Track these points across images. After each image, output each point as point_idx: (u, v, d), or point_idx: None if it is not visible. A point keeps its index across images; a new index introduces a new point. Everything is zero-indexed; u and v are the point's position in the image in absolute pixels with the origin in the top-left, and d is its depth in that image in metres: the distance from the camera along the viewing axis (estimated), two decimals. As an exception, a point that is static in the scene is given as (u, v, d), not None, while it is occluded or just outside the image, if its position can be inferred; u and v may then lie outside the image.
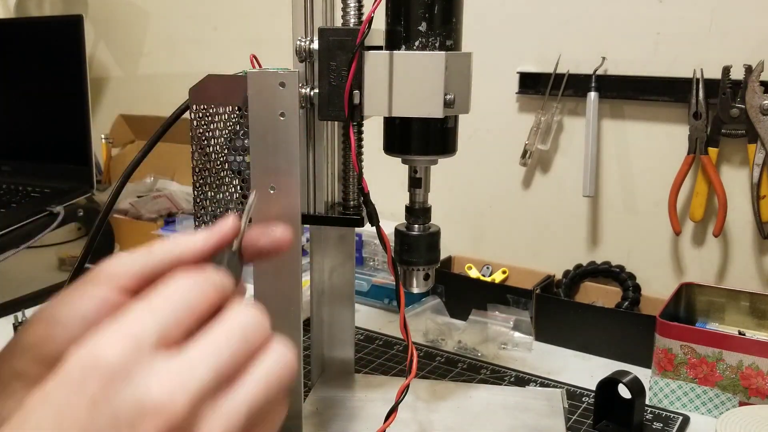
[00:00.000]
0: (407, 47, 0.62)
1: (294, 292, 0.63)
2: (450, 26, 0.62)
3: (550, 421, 0.73)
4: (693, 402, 0.83)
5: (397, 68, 0.61)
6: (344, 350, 0.83)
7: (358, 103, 0.61)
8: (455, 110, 0.63)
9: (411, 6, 0.61)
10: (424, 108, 0.61)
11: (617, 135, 1.06)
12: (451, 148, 0.67)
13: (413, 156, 0.66)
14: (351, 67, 0.60)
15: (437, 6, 0.61)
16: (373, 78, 0.61)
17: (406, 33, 0.62)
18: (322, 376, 0.83)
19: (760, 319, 0.93)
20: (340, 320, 0.82)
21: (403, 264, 0.69)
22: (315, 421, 0.72)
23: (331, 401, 0.77)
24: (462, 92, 0.63)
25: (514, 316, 1.01)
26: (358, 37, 0.59)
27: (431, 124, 0.64)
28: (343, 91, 0.60)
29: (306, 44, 0.63)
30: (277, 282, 0.63)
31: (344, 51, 0.60)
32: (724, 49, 0.95)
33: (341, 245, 0.79)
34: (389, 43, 0.63)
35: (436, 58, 0.61)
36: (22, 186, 1.30)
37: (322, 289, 0.81)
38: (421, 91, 0.61)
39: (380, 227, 0.64)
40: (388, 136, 0.67)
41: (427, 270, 0.70)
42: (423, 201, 0.69)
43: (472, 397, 0.78)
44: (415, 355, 0.65)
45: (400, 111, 0.62)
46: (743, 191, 0.97)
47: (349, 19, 0.63)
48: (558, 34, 1.08)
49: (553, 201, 1.13)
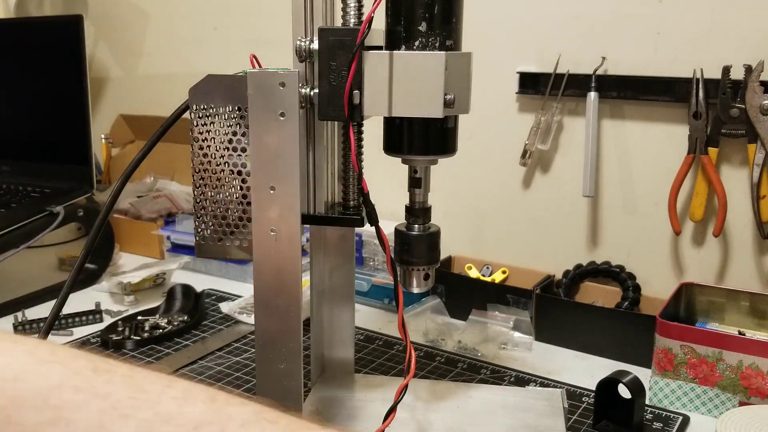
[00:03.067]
0: (407, 47, 0.62)
1: (294, 292, 0.63)
2: (450, 26, 0.62)
3: (550, 421, 0.73)
4: (693, 402, 0.83)
5: (397, 68, 0.61)
6: (344, 350, 0.83)
7: (358, 103, 0.61)
8: (455, 110, 0.63)
9: (411, 6, 0.61)
10: (424, 108, 0.61)
11: (617, 135, 1.06)
12: (451, 148, 0.67)
13: (413, 156, 0.66)
14: (351, 67, 0.60)
15: (437, 6, 0.61)
16: (373, 78, 0.61)
17: (406, 33, 0.62)
18: (322, 376, 0.83)
19: (760, 319, 0.93)
20: (340, 320, 0.82)
21: (403, 264, 0.69)
22: (315, 421, 0.72)
23: (331, 401, 0.77)
24: (462, 92, 0.63)
25: (514, 316, 1.01)
26: (358, 37, 0.59)
27: (431, 124, 0.64)
28: (343, 91, 0.60)
29: (306, 44, 0.63)
30: (277, 282, 0.63)
31: (344, 51, 0.60)
32: (724, 49, 0.95)
33: (341, 245, 0.79)
34: (389, 43, 0.63)
35: (435, 58, 0.61)
36: (22, 186, 1.30)
37: (322, 289, 0.81)
38: (421, 91, 0.61)
39: (379, 227, 0.64)
40: (388, 136, 0.67)
41: (427, 270, 0.69)
42: (423, 201, 0.69)
43: (472, 397, 0.78)
44: (413, 356, 0.65)
45: (400, 111, 0.62)
46: (743, 191, 0.97)
47: (349, 19, 0.63)
48: (558, 34, 1.08)
49: (553, 201, 1.13)
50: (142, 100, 1.62)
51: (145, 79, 1.64)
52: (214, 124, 0.62)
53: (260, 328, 0.64)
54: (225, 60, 1.48)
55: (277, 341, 0.64)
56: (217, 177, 0.63)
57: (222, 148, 0.62)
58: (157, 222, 1.36)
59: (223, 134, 0.62)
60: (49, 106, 1.37)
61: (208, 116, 0.62)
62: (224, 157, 0.62)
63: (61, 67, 1.32)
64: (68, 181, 1.28)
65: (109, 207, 0.67)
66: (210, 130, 0.62)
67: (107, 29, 1.67)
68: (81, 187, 1.26)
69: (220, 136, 0.62)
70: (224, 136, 0.62)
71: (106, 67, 1.70)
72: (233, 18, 1.46)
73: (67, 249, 1.31)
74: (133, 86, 1.67)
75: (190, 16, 1.53)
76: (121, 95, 1.69)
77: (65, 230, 1.31)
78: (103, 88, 1.71)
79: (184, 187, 1.42)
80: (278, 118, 0.59)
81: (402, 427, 0.71)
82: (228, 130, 0.62)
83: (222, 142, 0.62)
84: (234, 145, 0.62)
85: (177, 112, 0.65)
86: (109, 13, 1.66)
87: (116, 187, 0.67)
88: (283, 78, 0.59)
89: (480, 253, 1.19)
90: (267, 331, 0.64)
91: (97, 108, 1.69)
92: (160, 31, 1.60)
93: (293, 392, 0.65)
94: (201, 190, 0.63)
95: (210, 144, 0.62)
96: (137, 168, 0.68)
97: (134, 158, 0.68)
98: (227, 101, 0.61)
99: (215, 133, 0.62)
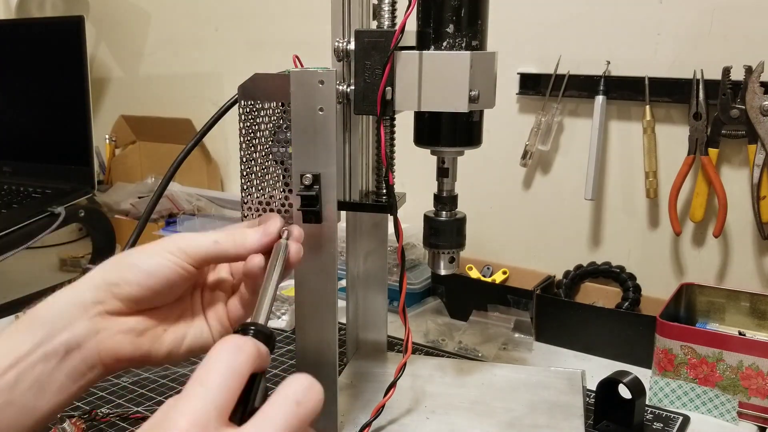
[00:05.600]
0: (436, 47, 0.66)
1: (330, 271, 0.67)
2: (475, 28, 0.66)
3: (569, 398, 0.77)
4: (693, 402, 0.83)
5: (426, 67, 0.65)
6: (377, 332, 0.88)
7: (390, 99, 0.66)
8: (480, 105, 0.66)
9: (440, 10, 0.65)
10: (451, 103, 0.66)
11: (619, 136, 1.06)
12: (476, 141, 0.71)
13: (441, 147, 0.71)
14: (385, 67, 0.64)
15: (464, 9, 0.65)
16: (404, 76, 0.66)
17: (435, 34, 0.66)
18: (356, 354, 0.87)
19: (760, 319, 0.93)
20: (375, 303, 0.87)
21: (431, 247, 0.74)
22: (349, 392, 0.78)
23: (364, 375, 0.82)
24: (487, 88, 0.67)
25: (515, 316, 1.01)
26: (392, 42, 0.64)
27: (458, 118, 0.68)
28: (377, 88, 0.65)
29: (343, 45, 0.68)
30: (315, 262, 0.67)
31: (378, 51, 0.65)
32: (724, 50, 0.95)
33: (375, 232, 0.84)
34: (420, 43, 0.67)
35: (461, 57, 0.65)
36: (23, 186, 1.30)
37: (357, 273, 0.85)
38: (447, 88, 0.65)
39: (397, 217, 0.69)
40: (417, 129, 0.71)
41: (452, 253, 0.75)
42: (450, 189, 0.74)
43: (497, 375, 0.82)
44: (410, 337, 0.70)
45: (429, 106, 0.66)
46: (743, 192, 0.97)
47: (383, 21, 0.68)
48: (558, 35, 1.08)
49: (553, 201, 1.13)
50: (144, 100, 1.63)
51: (146, 80, 1.64)
52: (260, 118, 0.66)
53: (299, 302, 0.69)
54: (226, 60, 1.48)
55: (314, 315, 0.69)
56: (262, 166, 0.67)
57: (267, 140, 0.67)
58: (158, 222, 1.36)
59: (268, 127, 0.66)
60: (50, 106, 1.38)
61: (254, 111, 0.66)
62: (268, 148, 0.67)
63: (63, 68, 1.32)
64: (69, 181, 1.28)
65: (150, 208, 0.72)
66: (256, 124, 0.67)
67: (108, 30, 1.68)
68: (82, 188, 1.27)
69: (265, 129, 0.67)
70: (269, 129, 0.67)
71: (108, 67, 1.70)
72: (234, 19, 1.46)
73: (68, 249, 1.31)
74: (135, 87, 1.67)
75: (191, 16, 1.53)
76: (123, 96, 1.70)
77: (66, 231, 1.32)
78: (105, 88, 1.71)
79: (185, 187, 1.42)
80: (317, 113, 0.64)
81: (429, 400, 0.76)
82: (272, 124, 0.66)
83: (267, 135, 0.67)
84: (277, 137, 0.66)
85: (226, 105, 0.69)
86: (110, 13, 1.66)
87: (163, 183, 0.72)
88: (322, 76, 0.63)
89: (480, 253, 1.19)
90: (305, 305, 0.69)
91: (98, 109, 1.69)
92: (162, 31, 1.60)
93: (328, 362, 0.69)
94: (247, 177, 0.67)
95: (256, 136, 0.67)
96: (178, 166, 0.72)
97: (182, 151, 0.72)
98: (272, 97, 0.66)
99: (261, 126, 0.67)
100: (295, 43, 1.22)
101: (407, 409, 0.74)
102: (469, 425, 0.72)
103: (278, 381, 0.38)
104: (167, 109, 1.54)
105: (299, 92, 0.64)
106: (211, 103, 1.45)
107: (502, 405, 0.75)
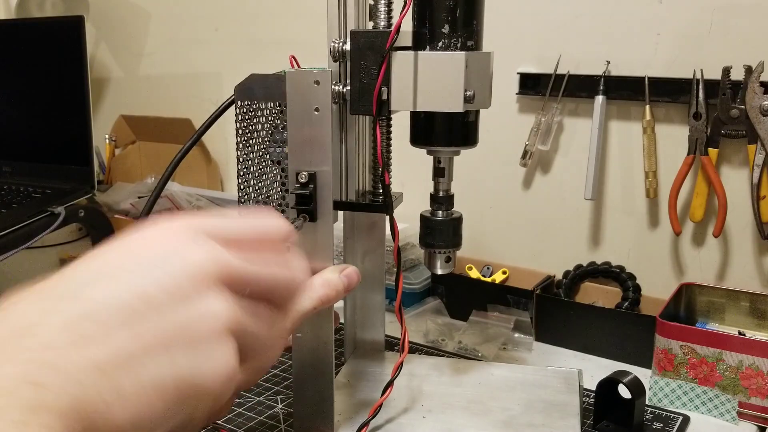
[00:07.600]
0: (431, 48, 0.66)
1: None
2: (471, 28, 0.66)
3: (566, 398, 0.77)
4: (693, 402, 0.83)
5: (421, 67, 0.65)
6: (375, 331, 0.88)
7: (385, 99, 0.66)
8: (475, 105, 0.67)
9: (435, 11, 0.66)
10: (446, 103, 0.66)
11: (619, 136, 1.06)
12: (472, 140, 0.71)
13: (437, 147, 0.71)
14: (381, 67, 0.64)
15: (459, 10, 0.65)
16: (400, 76, 0.66)
17: (431, 35, 0.66)
18: (354, 353, 0.87)
19: (760, 319, 0.93)
20: (372, 302, 0.87)
21: (427, 247, 0.74)
22: (347, 391, 0.78)
23: (361, 374, 0.82)
24: (482, 88, 0.67)
25: (515, 316, 1.01)
26: (388, 42, 0.64)
27: (453, 117, 0.68)
28: (372, 88, 0.65)
29: (339, 45, 0.67)
30: (311, 259, 0.67)
31: (373, 52, 0.65)
32: (724, 50, 0.95)
33: (373, 232, 0.84)
34: (415, 43, 0.67)
35: (456, 57, 0.65)
36: (23, 186, 1.30)
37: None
38: (443, 88, 0.66)
39: (393, 217, 0.69)
40: (413, 130, 0.71)
41: (449, 253, 0.75)
42: (446, 189, 0.74)
43: (494, 374, 0.82)
44: (407, 336, 0.70)
45: (424, 106, 0.66)
46: (743, 192, 0.97)
47: (379, 22, 0.68)
48: (558, 35, 1.08)
49: (553, 201, 1.13)
50: (143, 100, 1.63)
51: (146, 80, 1.64)
52: (257, 119, 0.67)
53: None
54: (226, 60, 1.48)
55: (311, 315, 0.68)
56: (259, 166, 0.67)
57: (263, 140, 0.67)
58: (158, 222, 1.36)
59: (265, 127, 0.67)
60: (50, 106, 1.38)
61: (251, 111, 0.67)
62: (265, 148, 0.67)
63: (62, 68, 1.32)
64: (69, 181, 1.28)
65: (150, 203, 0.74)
66: (253, 124, 0.67)
67: (108, 30, 1.68)
68: (82, 188, 1.27)
69: (262, 129, 0.67)
70: (265, 129, 0.67)
71: (108, 67, 1.70)
72: (234, 19, 1.46)
73: (68, 249, 1.31)
74: (134, 87, 1.67)
75: (191, 16, 1.53)
76: (122, 96, 1.70)
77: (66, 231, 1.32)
78: (104, 88, 1.71)
79: (184, 187, 1.42)
80: (313, 113, 0.64)
81: (426, 399, 0.76)
82: (269, 124, 0.66)
83: (263, 135, 0.67)
84: (274, 137, 0.67)
85: (223, 106, 0.69)
86: (110, 13, 1.66)
87: (163, 177, 0.73)
88: (318, 77, 0.63)
89: (480, 253, 1.19)
90: None
91: (98, 108, 1.69)
92: (162, 31, 1.60)
93: (325, 361, 0.69)
94: (244, 177, 0.68)
95: (253, 136, 0.67)
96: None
97: (180, 150, 0.73)
98: (268, 97, 0.66)
99: (257, 126, 0.67)
100: (295, 43, 1.22)
101: (404, 408, 0.74)
102: (466, 424, 0.72)
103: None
104: (167, 109, 1.54)
105: (295, 93, 0.64)
106: (211, 102, 1.45)
107: (499, 404, 0.75)
